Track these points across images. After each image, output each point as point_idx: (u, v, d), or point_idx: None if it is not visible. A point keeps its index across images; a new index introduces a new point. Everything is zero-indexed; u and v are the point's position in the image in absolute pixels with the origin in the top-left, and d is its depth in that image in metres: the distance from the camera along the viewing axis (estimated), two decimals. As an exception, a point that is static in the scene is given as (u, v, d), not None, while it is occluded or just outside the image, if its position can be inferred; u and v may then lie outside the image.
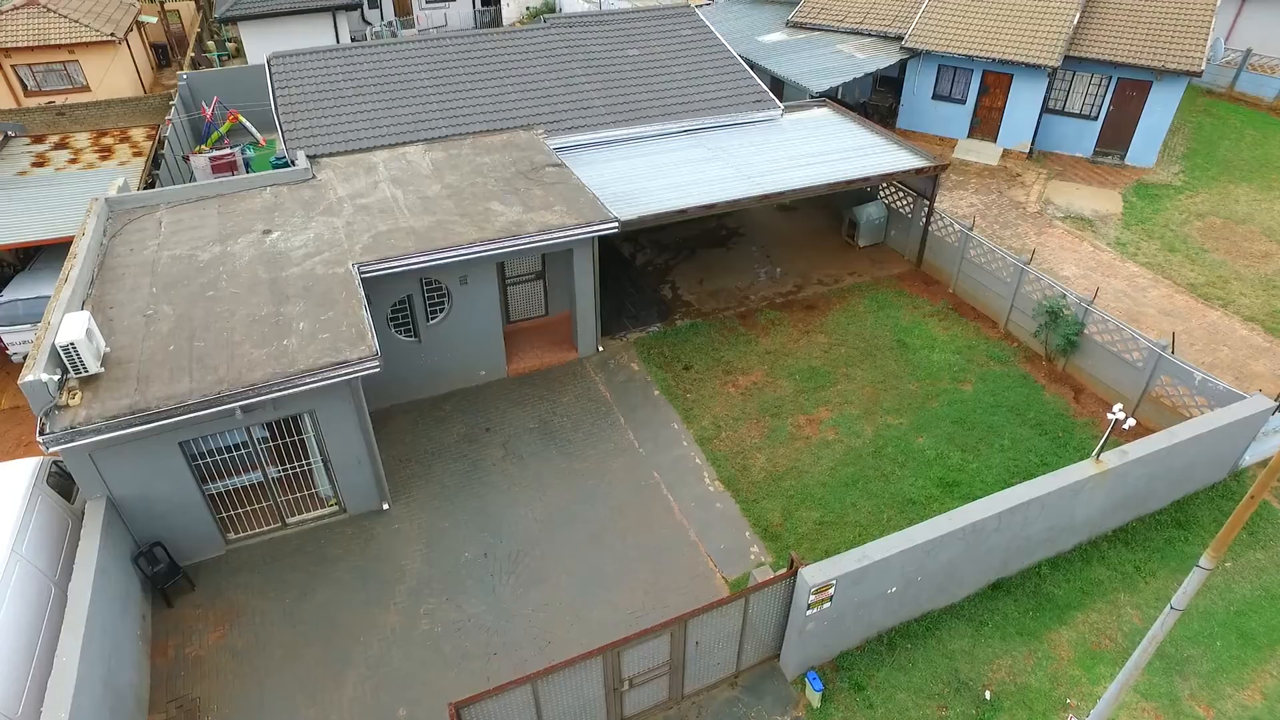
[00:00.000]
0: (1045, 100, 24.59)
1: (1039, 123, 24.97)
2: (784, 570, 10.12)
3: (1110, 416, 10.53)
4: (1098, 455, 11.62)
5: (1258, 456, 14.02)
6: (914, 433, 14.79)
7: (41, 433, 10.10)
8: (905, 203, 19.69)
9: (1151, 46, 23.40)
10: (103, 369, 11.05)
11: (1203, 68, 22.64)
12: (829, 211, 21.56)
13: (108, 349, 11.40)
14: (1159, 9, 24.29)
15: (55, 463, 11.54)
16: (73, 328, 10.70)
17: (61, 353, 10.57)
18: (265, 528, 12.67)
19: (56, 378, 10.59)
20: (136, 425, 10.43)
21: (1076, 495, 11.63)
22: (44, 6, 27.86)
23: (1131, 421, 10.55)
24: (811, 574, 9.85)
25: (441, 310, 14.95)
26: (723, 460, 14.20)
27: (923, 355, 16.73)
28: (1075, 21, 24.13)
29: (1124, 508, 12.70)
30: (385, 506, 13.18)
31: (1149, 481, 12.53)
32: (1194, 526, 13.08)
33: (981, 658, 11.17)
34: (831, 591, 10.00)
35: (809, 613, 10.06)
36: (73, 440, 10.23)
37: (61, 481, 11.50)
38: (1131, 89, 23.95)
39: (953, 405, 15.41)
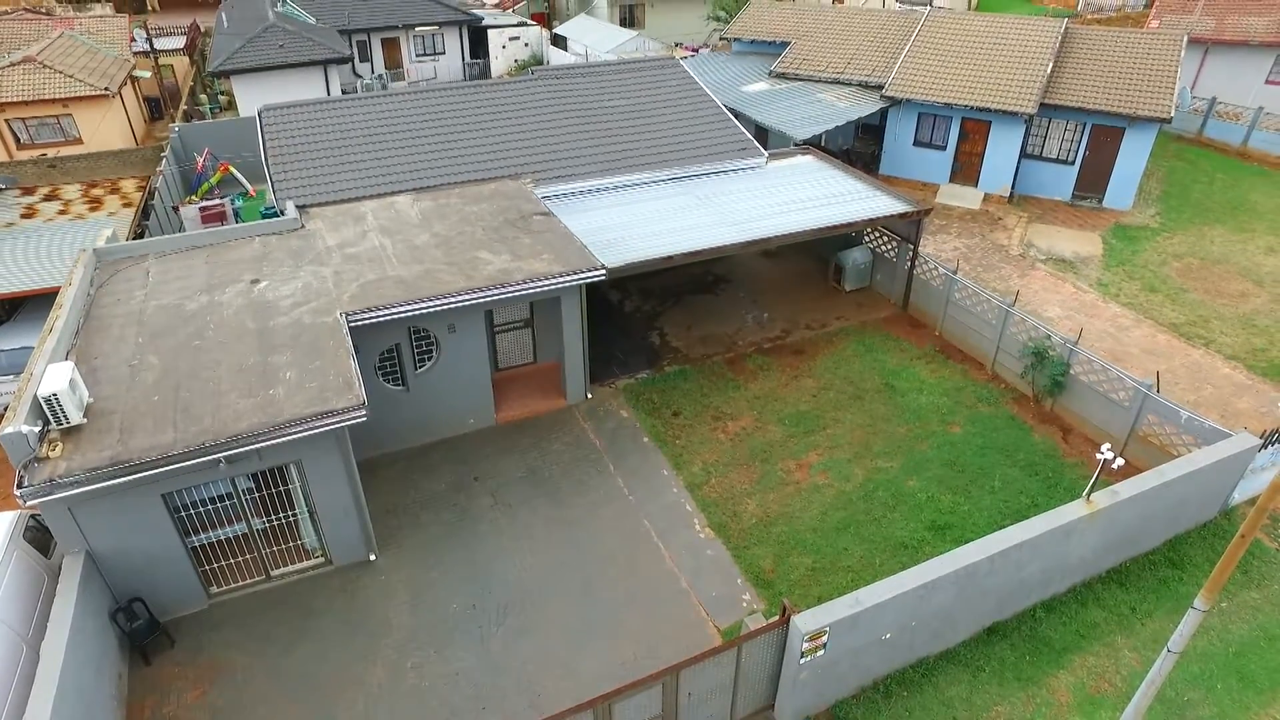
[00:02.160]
0: (1023, 146, 25.18)
1: (1018, 167, 25.52)
2: (776, 618, 9.97)
3: (1099, 456, 10.55)
4: (1088, 495, 11.61)
5: (1247, 494, 14.04)
6: (904, 476, 14.75)
7: (19, 485, 9.92)
8: (890, 247, 19.95)
9: (1122, 94, 24.10)
10: (85, 420, 10.93)
11: (1172, 114, 23.33)
12: (815, 257, 21.81)
13: (91, 400, 11.28)
14: (1127, 59, 25.09)
15: (33, 516, 11.31)
16: (56, 378, 10.60)
17: (43, 404, 10.45)
18: (249, 581, 12.41)
19: (37, 429, 10.45)
20: (118, 477, 10.27)
21: (1069, 536, 11.58)
22: (40, 63, 28.23)
23: (1121, 461, 10.57)
24: (804, 621, 9.71)
25: (430, 358, 14.92)
26: (713, 507, 14.09)
27: (911, 398, 16.78)
28: (1049, 71, 24.84)
29: (1117, 548, 12.64)
30: (372, 557, 12.96)
31: (1141, 521, 12.49)
32: (1188, 566, 13.02)
33: (980, 705, 10.97)
34: (825, 639, 9.84)
35: (803, 661, 9.88)
36: (51, 493, 10.05)
37: (39, 536, 11.26)
38: (1105, 135, 24.58)
39: (942, 448, 15.41)
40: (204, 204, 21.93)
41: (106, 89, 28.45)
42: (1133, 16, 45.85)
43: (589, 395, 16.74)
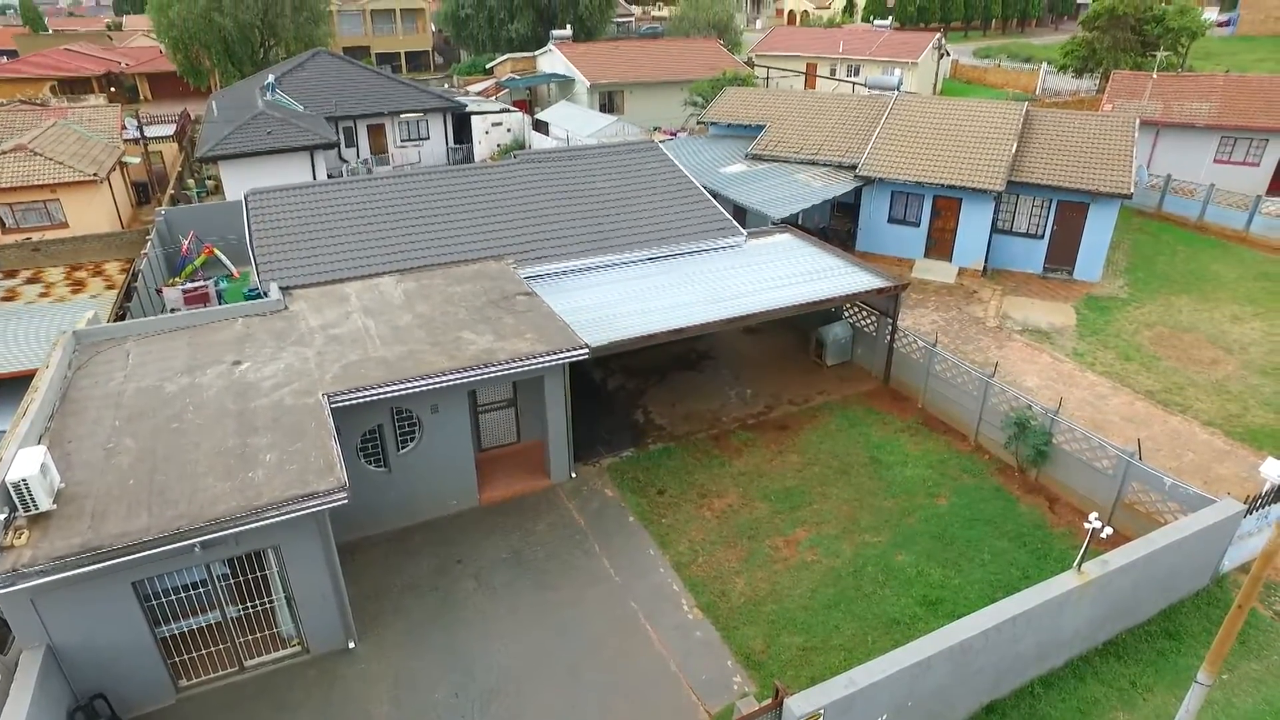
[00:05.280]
0: (994, 221, 25.99)
1: (990, 242, 26.27)
2: (769, 701, 9.67)
3: (1087, 525, 10.52)
4: (1079, 565, 11.52)
5: (1237, 561, 13.99)
6: (893, 550, 14.59)
7: (-18, 577, 9.56)
8: (869, 321, 20.26)
9: (1084, 172, 25.13)
10: (55, 506, 10.63)
11: (1131, 191, 24.31)
12: (796, 332, 22.06)
13: (63, 484, 11.01)
14: (1086, 140, 26.27)
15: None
16: (26, 463, 10.34)
17: (11, 490, 10.17)
18: (221, 672, 11.89)
19: (4, 516, 10.14)
20: (86, 565, 9.93)
21: (1062, 608, 11.43)
22: (31, 150, 28.66)
23: (1109, 530, 10.54)
24: (798, 703, 9.42)
25: (412, 439, 14.77)
26: (701, 586, 13.81)
27: (896, 471, 16.75)
28: (1014, 150, 25.89)
29: (1111, 619, 12.47)
30: (351, 645, 12.50)
31: (1133, 590, 12.38)
32: (1184, 637, 12.83)
33: (982, 790, 10.58)
34: (821, 722, 9.53)
35: (798, 747, 9.53)
36: (14, 584, 9.67)
37: (-2, 631, 10.80)
38: (1071, 210, 25.48)
39: (930, 521, 15.31)
40: (187, 286, 21.99)
41: (95, 175, 28.84)
42: (1087, 100, 48.23)
43: (573, 475, 16.57)
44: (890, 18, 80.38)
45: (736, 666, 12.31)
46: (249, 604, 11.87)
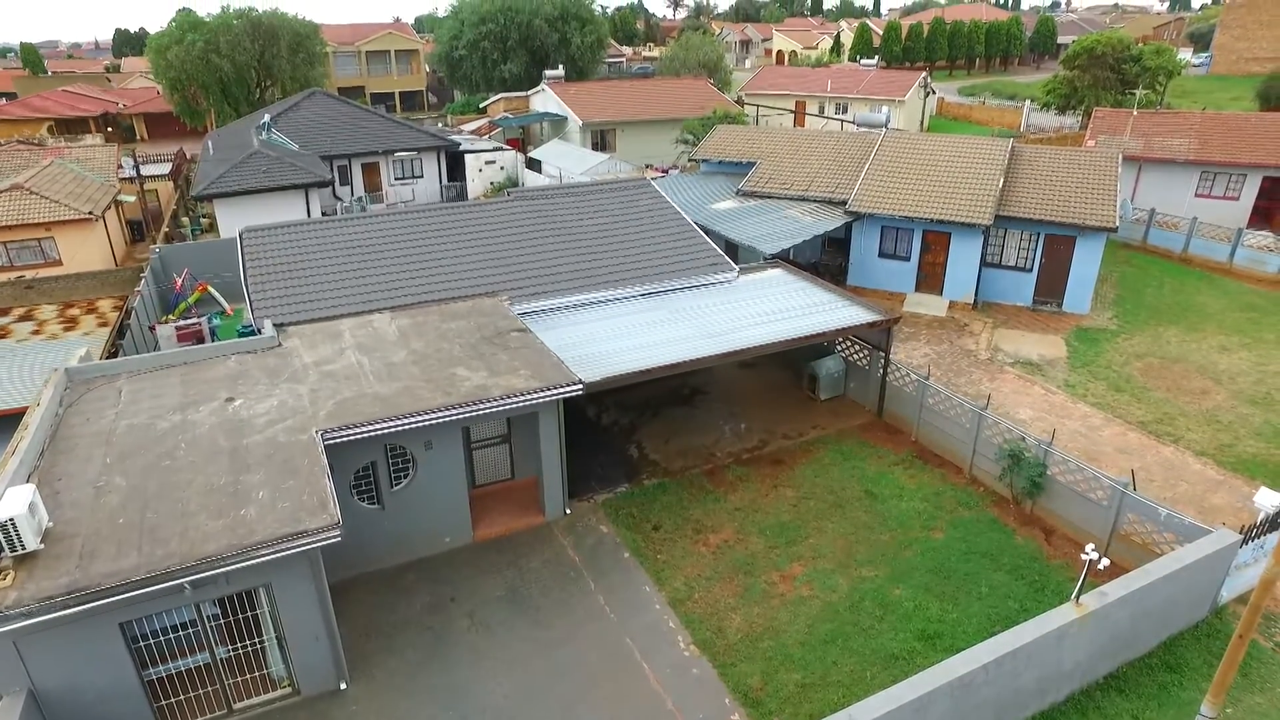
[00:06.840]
0: (983, 255, 26.29)
1: (980, 276, 26.54)
2: (769, 740, 9.52)
3: (1084, 557, 10.50)
4: (1077, 597, 11.47)
5: (1235, 592, 13.95)
6: (890, 584, 14.50)
7: (-34, 620, 9.40)
8: (862, 355, 20.36)
9: (1069, 206, 25.55)
10: (43, 545, 10.49)
11: (1116, 224, 24.70)
12: (788, 367, 22.13)
13: (51, 523, 10.88)
14: (1071, 174, 26.77)
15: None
16: (14, 502, 10.23)
17: None
18: (209, 715, 11.64)
19: (-8, 558, 10.01)
20: (73, 606, 9.77)
21: (1061, 641, 11.34)
22: (27, 189, 28.81)
23: (1106, 561, 10.52)
24: (798, 742, 9.28)
25: (406, 476, 14.69)
26: (697, 623, 13.67)
27: (892, 505, 16.71)
28: (1000, 185, 26.31)
29: (1111, 652, 12.37)
30: (343, 686, 12.28)
31: (1132, 622, 12.30)
32: (1185, 670, 12.73)
33: (986, 830, 10.39)
34: (821, 761, 9.37)
35: (799, 787, 9.37)
36: None
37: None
38: (1059, 244, 25.84)
39: (926, 554, 15.24)
40: (180, 323, 21.98)
41: (90, 213, 28.96)
42: (1070, 137, 49.20)
43: (568, 511, 16.47)
44: (876, 57, 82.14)
45: (734, 704, 12.13)
46: (239, 644, 11.68)
